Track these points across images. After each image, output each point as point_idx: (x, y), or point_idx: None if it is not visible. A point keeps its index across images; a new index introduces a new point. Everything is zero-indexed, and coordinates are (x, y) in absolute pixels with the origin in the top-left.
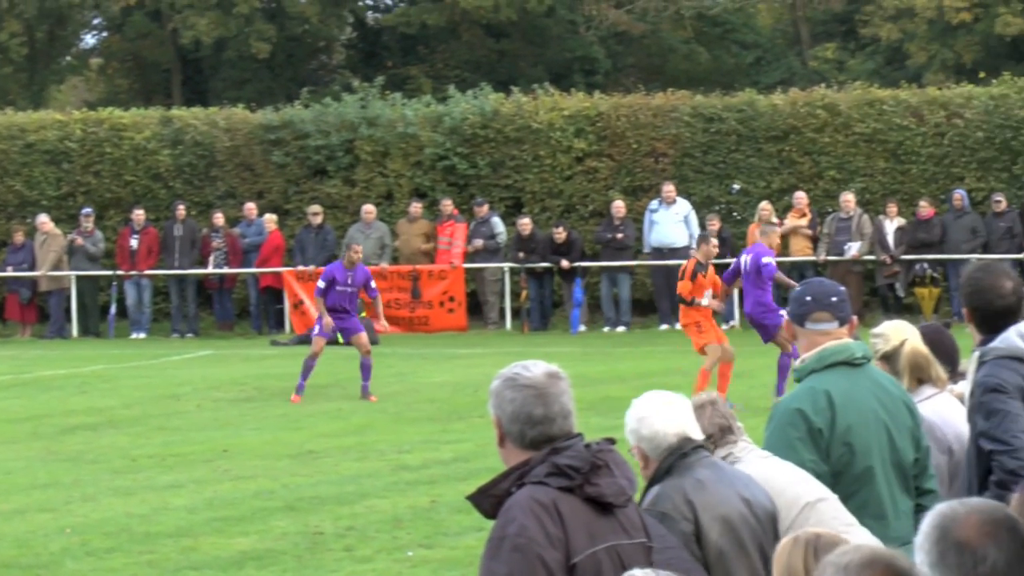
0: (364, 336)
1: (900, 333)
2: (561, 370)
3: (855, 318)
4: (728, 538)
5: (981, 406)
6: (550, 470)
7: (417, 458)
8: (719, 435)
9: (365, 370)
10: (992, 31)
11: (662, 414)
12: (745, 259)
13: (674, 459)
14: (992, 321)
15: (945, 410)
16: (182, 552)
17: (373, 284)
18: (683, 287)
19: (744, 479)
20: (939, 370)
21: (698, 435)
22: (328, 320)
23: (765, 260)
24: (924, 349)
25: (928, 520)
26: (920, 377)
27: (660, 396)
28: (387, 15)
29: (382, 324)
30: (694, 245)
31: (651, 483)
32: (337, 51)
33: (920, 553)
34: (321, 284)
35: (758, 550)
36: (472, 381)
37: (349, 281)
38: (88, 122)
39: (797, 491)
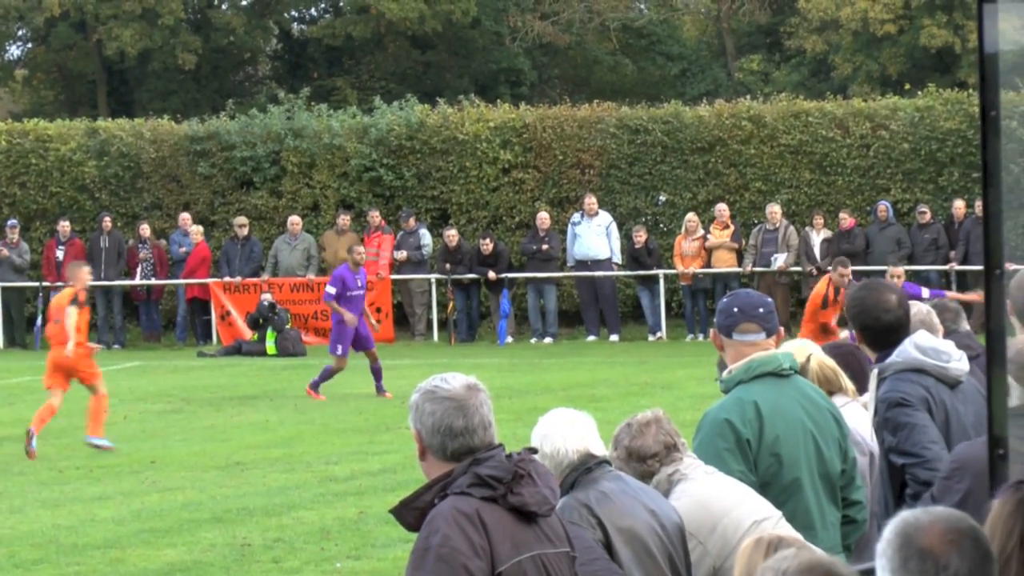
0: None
1: (804, 350)
2: (480, 382)
3: (782, 329)
4: (634, 548)
5: (887, 421)
6: (472, 480)
7: (344, 469)
8: (664, 453)
9: (377, 374)
10: (917, 43)
11: (563, 432)
12: None
13: (577, 474)
14: (883, 337)
15: (859, 417)
16: (110, 564)
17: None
18: (829, 314)
19: (650, 492)
20: (847, 381)
21: (600, 451)
22: (351, 316)
23: None
24: (830, 361)
25: (891, 527)
26: (830, 389)
27: (563, 414)
28: (312, 27)
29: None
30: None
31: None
32: (263, 62)
33: (882, 559)
34: (331, 290)
35: (667, 560)
36: (399, 392)
37: (359, 284)
38: (13, 133)
39: (744, 509)
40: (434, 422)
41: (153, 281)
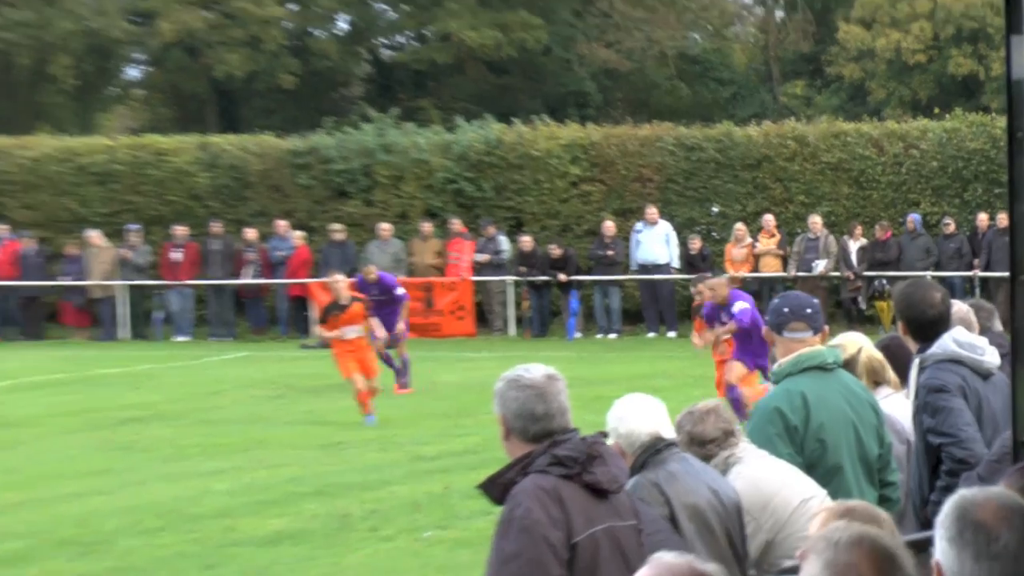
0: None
1: (855, 343)
2: (558, 372)
3: (827, 328)
4: (697, 523)
5: (927, 405)
6: (551, 460)
7: (432, 449)
8: (722, 438)
9: (405, 365)
10: (945, 71)
11: (637, 416)
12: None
13: (648, 455)
14: (925, 330)
15: (901, 407)
16: (223, 531)
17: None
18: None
19: (712, 473)
20: (892, 373)
21: (669, 434)
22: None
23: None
24: (878, 355)
25: (950, 502)
26: (876, 380)
27: (637, 399)
28: (400, 53)
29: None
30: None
31: (631, 473)
32: (356, 85)
33: (941, 529)
34: (402, 291)
35: (725, 534)
36: (479, 381)
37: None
38: (133, 147)
39: (793, 489)
40: (517, 407)
41: (259, 280)
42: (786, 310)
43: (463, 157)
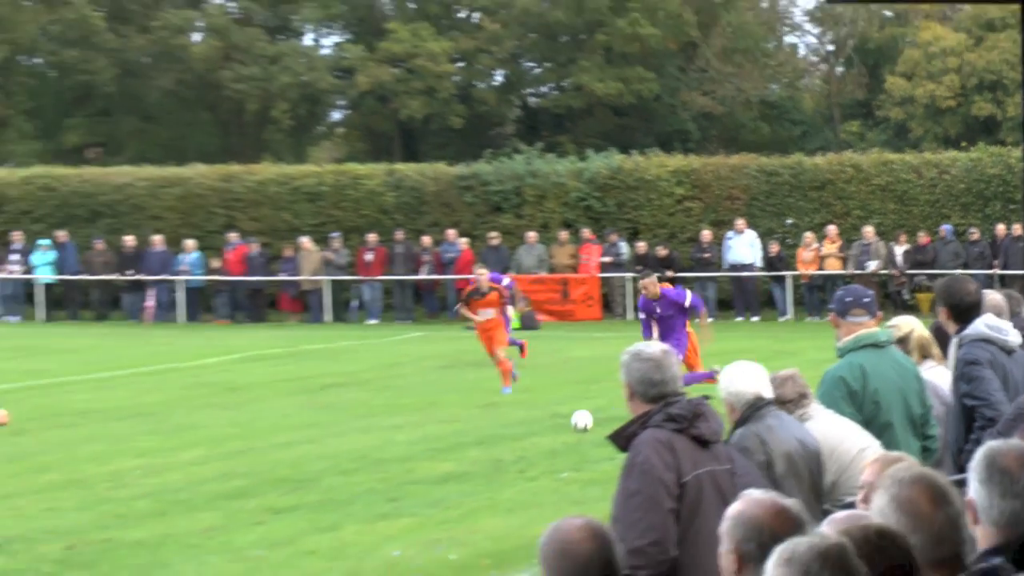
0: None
1: (909, 324)
2: (671, 348)
3: (880, 314)
4: (788, 467)
5: (963, 375)
6: (665, 417)
7: (568, 408)
8: (798, 399)
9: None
10: (970, 113)
11: (744, 378)
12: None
13: (751, 411)
14: (963, 315)
15: (943, 376)
16: (404, 472)
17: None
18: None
19: (799, 426)
20: (937, 349)
21: (769, 394)
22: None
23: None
24: (927, 334)
25: (981, 452)
26: (924, 354)
27: (745, 365)
28: (543, 99)
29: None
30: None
31: (735, 426)
32: (508, 124)
33: (973, 472)
34: (507, 281)
35: (808, 476)
36: (605, 355)
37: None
38: (336, 172)
39: (853, 440)
40: (640, 375)
41: (433, 276)
42: (848, 299)
43: (592, 180)
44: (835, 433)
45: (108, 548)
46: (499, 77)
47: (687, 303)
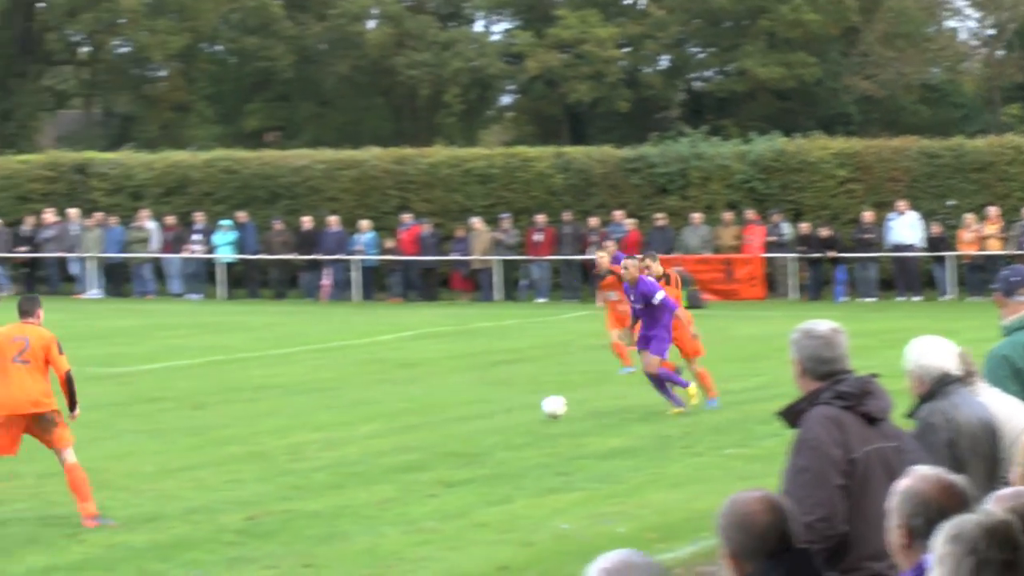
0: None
1: None
2: (841, 326)
3: None
4: (970, 442)
5: None
6: (834, 395)
7: (735, 385)
8: (966, 377)
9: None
10: None
11: (931, 353)
12: None
13: (938, 386)
14: None
15: None
16: (573, 447)
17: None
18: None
19: (979, 403)
20: None
21: (956, 371)
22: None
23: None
24: None
25: None
26: None
27: (934, 340)
28: (708, 84)
29: None
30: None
31: (922, 400)
32: (674, 108)
33: None
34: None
35: (987, 450)
36: (768, 334)
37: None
38: (505, 155)
39: (1020, 418)
40: (810, 353)
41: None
42: (1015, 279)
43: (755, 163)
44: (1003, 411)
45: (287, 519)
46: (664, 62)
47: (656, 300)
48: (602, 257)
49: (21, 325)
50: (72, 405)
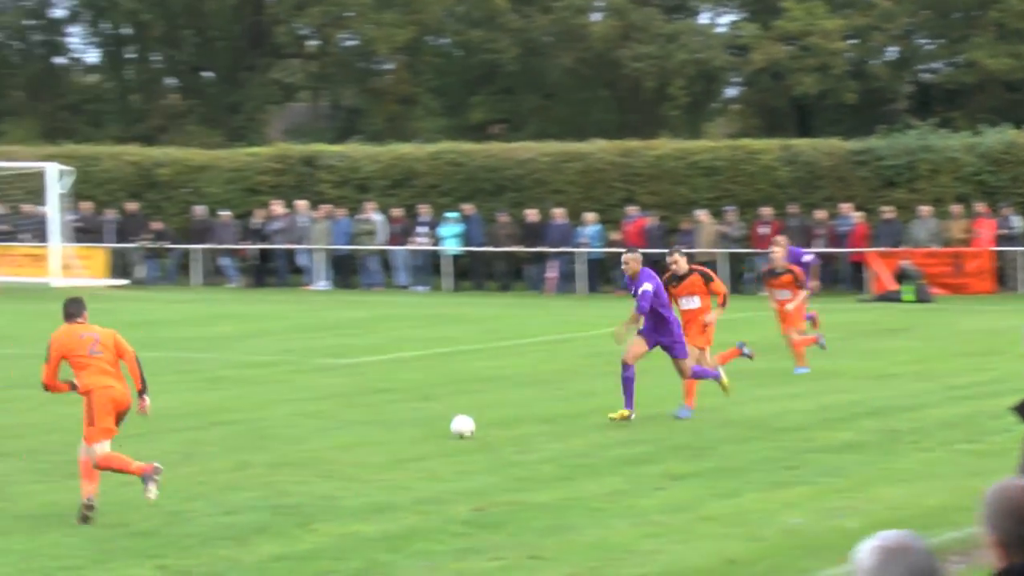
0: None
1: None
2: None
3: None
4: None
5: None
6: None
7: (964, 380)
8: None
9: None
10: None
11: None
12: None
13: None
14: None
15: None
16: (802, 441)
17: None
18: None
19: None
20: None
21: None
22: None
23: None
24: None
25: None
26: None
27: None
28: (936, 75)
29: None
30: None
31: None
32: (901, 100)
33: None
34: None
35: None
36: (999, 328)
37: (633, 292)
38: (731, 147)
39: None
40: None
41: (827, 249)
42: None
43: (985, 155)
44: None
45: (515, 510)
46: (892, 53)
47: (638, 290)
48: (776, 252)
49: (75, 326)
50: (142, 391)
